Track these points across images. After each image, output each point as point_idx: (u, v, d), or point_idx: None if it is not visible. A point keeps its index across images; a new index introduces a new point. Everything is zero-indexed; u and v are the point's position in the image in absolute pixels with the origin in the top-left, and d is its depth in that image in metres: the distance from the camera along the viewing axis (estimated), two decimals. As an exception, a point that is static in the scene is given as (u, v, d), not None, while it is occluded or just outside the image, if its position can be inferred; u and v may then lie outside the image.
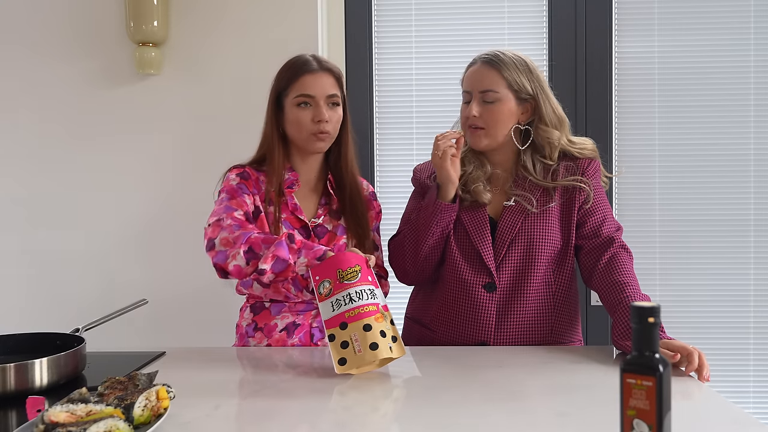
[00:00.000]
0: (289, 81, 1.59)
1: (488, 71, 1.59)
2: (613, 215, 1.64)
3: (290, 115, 1.59)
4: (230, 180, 1.60)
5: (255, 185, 1.60)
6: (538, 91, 1.58)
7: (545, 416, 1.09)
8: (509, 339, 1.56)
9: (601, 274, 1.53)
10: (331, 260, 1.33)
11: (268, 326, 1.58)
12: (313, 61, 1.61)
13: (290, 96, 1.58)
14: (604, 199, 1.63)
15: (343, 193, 1.66)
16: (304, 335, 1.60)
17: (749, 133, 2.29)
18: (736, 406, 1.13)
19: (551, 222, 1.58)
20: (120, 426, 0.94)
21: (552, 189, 1.59)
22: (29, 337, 1.39)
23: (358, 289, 1.31)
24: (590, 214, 1.59)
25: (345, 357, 1.28)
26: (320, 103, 1.57)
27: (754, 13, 2.28)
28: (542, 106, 1.58)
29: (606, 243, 1.56)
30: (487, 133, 1.60)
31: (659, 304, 0.83)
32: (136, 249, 2.26)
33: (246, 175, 1.61)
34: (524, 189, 1.59)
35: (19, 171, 2.30)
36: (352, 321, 1.29)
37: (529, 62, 1.61)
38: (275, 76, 1.63)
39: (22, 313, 2.28)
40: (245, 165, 1.64)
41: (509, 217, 1.58)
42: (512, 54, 1.61)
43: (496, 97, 1.57)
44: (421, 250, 1.58)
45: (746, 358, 2.32)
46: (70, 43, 2.27)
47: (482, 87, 1.59)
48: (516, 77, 1.57)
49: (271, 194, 1.58)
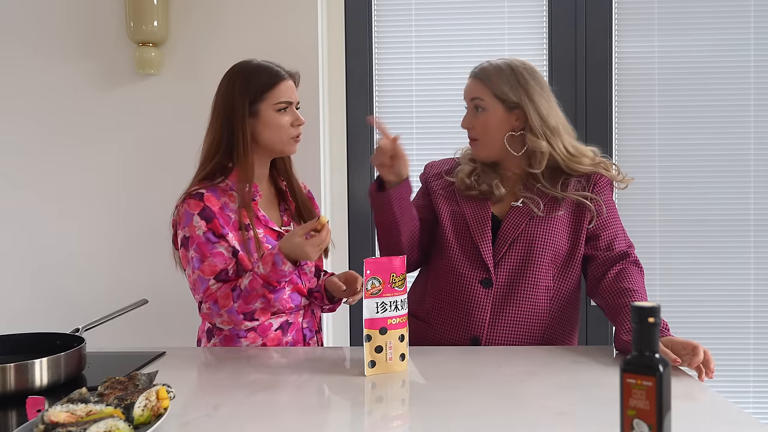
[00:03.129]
0: (265, 88, 1.58)
1: (475, 82, 1.62)
2: (625, 231, 1.63)
3: (270, 121, 1.59)
4: (195, 228, 1.53)
5: (221, 216, 1.55)
6: (522, 98, 1.57)
7: (545, 416, 1.09)
8: (502, 337, 1.57)
9: (608, 283, 1.52)
10: (387, 261, 1.33)
11: (262, 326, 1.58)
12: (280, 68, 1.63)
13: (268, 102, 1.58)
14: (617, 214, 1.63)
15: (295, 195, 1.71)
16: (296, 333, 1.62)
17: (749, 133, 2.29)
18: (736, 406, 1.13)
19: (557, 228, 1.58)
20: (120, 426, 0.94)
21: (561, 198, 1.59)
22: (29, 337, 1.39)
23: (402, 298, 1.34)
24: (604, 227, 1.59)
25: (375, 361, 1.30)
26: (294, 108, 1.62)
27: (754, 13, 2.28)
28: (528, 114, 1.57)
29: (619, 257, 1.56)
30: (481, 144, 1.62)
31: (659, 304, 0.83)
32: (137, 249, 2.26)
33: (209, 214, 1.53)
34: (533, 193, 1.60)
35: (19, 171, 2.29)
36: (392, 328, 1.32)
37: (518, 69, 1.59)
38: (238, 84, 1.58)
39: (22, 313, 2.28)
40: (202, 192, 1.56)
41: (514, 216, 1.59)
42: (500, 62, 1.61)
43: (484, 105, 1.60)
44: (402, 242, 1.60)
45: (746, 358, 2.32)
46: (70, 43, 2.27)
47: (471, 97, 1.63)
48: (498, 86, 1.58)
49: (244, 216, 1.56)
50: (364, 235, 2.36)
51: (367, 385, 1.26)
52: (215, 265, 1.53)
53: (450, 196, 1.67)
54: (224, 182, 1.59)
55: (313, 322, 1.68)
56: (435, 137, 2.35)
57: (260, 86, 1.58)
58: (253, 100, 1.58)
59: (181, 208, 1.57)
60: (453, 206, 1.65)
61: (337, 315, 2.36)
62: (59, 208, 2.29)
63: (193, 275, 1.54)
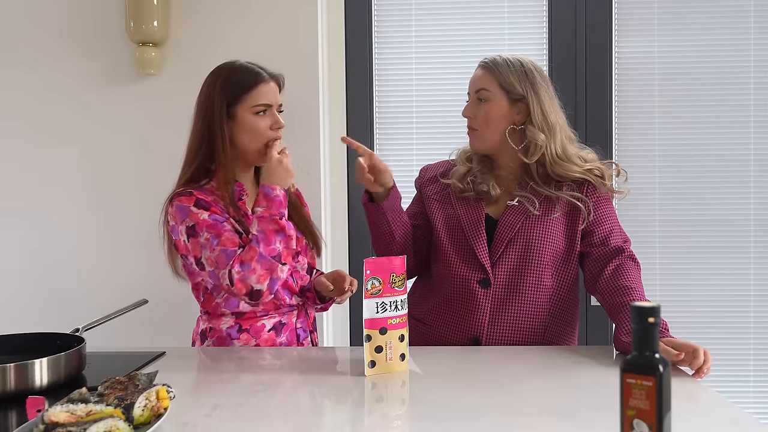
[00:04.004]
0: (243, 90, 1.56)
1: (483, 73, 1.63)
2: (621, 227, 1.63)
3: (246, 124, 1.56)
4: (198, 215, 1.51)
5: (216, 206, 1.54)
6: (528, 91, 1.58)
7: (545, 416, 1.09)
8: (502, 337, 1.57)
9: (606, 280, 1.53)
10: (387, 261, 1.33)
11: (254, 327, 1.58)
12: (262, 70, 1.60)
13: (246, 104, 1.56)
14: (612, 210, 1.63)
15: None
16: (290, 333, 1.62)
17: (749, 133, 2.29)
18: (736, 406, 1.13)
19: (553, 226, 1.58)
20: (120, 426, 0.94)
21: (555, 199, 1.59)
22: (29, 337, 1.39)
23: (402, 298, 1.34)
24: (598, 223, 1.59)
25: (375, 361, 1.30)
26: (275, 111, 1.59)
27: (754, 13, 2.28)
28: (531, 106, 1.58)
29: (615, 252, 1.57)
30: (479, 134, 1.62)
31: (659, 304, 0.83)
32: (137, 249, 2.26)
33: (204, 204, 1.53)
34: (527, 192, 1.60)
35: (19, 170, 2.29)
36: (392, 328, 1.32)
37: (527, 65, 1.61)
38: (218, 85, 1.57)
39: (22, 313, 2.28)
40: (190, 190, 1.55)
41: (510, 216, 1.59)
42: (511, 57, 1.62)
43: (488, 95, 1.60)
44: (392, 250, 1.63)
45: (746, 358, 2.32)
46: (70, 43, 2.27)
47: (477, 86, 1.62)
48: (506, 77, 1.59)
49: (231, 213, 1.55)
50: (364, 235, 2.35)
51: (367, 385, 1.26)
52: (233, 238, 1.50)
53: (444, 199, 1.67)
54: (209, 184, 1.58)
55: (307, 322, 1.68)
56: (435, 137, 2.35)
57: (238, 88, 1.56)
58: (230, 102, 1.56)
59: (171, 208, 1.54)
60: (447, 209, 1.66)
61: (337, 315, 2.37)
62: (59, 208, 2.29)
63: (215, 253, 1.48)
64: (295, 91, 1.99)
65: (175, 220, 1.54)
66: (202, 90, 1.61)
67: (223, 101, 1.56)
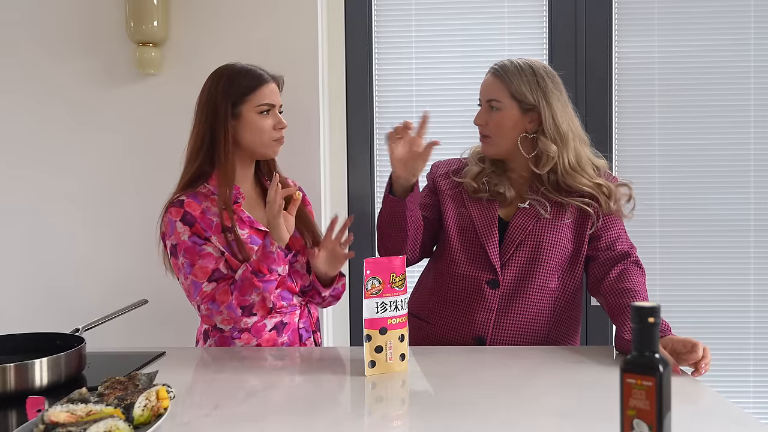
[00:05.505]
0: (247, 90, 1.59)
1: (494, 81, 1.61)
2: (626, 234, 1.63)
3: (251, 123, 1.59)
4: (180, 234, 1.55)
5: (202, 221, 1.56)
6: (540, 100, 1.57)
7: (545, 416, 1.09)
8: (506, 337, 1.57)
9: (610, 283, 1.53)
10: (387, 261, 1.33)
11: (255, 327, 1.58)
12: (263, 72, 1.63)
13: (251, 104, 1.59)
14: (620, 218, 1.63)
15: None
16: (292, 333, 1.62)
17: (749, 133, 2.29)
18: (736, 406, 1.13)
19: (563, 230, 1.58)
20: (120, 426, 0.94)
21: (565, 205, 1.59)
22: (29, 337, 1.39)
23: (403, 298, 1.34)
24: (606, 228, 1.60)
25: (375, 361, 1.31)
26: (277, 112, 1.63)
27: (754, 13, 2.28)
28: (543, 116, 1.57)
29: (620, 256, 1.57)
30: (492, 141, 1.62)
31: (659, 304, 0.83)
32: (137, 249, 2.25)
33: (190, 219, 1.56)
34: (539, 195, 1.60)
35: (19, 170, 2.29)
36: (392, 328, 1.32)
37: (539, 71, 1.59)
38: (221, 86, 1.59)
39: (23, 313, 2.28)
40: (182, 199, 1.58)
41: (521, 218, 1.59)
42: (521, 62, 1.60)
43: (500, 106, 1.59)
44: (406, 246, 1.60)
45: (746, 358, 2.31)
46: (70, 42, 2.27)
47: (488, 96, 1.62)
48: (518, 86, 1.57)
49: (225, 218, 1.56)
50: (364, 235, 2.36)
51: (367, 385, 1.26)
52: (206, 267, 1.53)
53: (457, 197, 1.67)
54: (206, 187, 1.60)
55: (310, 322, 1.68)
56: (435, 137, 2.31)
57: (243, 88, 1.59)
58: (235, 102, 1.59)
59: (165, 219, 1.60)
60: (460, 207, 1.65)
61: (337, 315, 2.36)
62: (59, 208, 2.29)
63: (186, 281, 1.55)
64: (295, 92, 1.99)
65: (165, 234, 1.60)
66: (203, 91, 1.63)
67: (228, 101, 1.59)
